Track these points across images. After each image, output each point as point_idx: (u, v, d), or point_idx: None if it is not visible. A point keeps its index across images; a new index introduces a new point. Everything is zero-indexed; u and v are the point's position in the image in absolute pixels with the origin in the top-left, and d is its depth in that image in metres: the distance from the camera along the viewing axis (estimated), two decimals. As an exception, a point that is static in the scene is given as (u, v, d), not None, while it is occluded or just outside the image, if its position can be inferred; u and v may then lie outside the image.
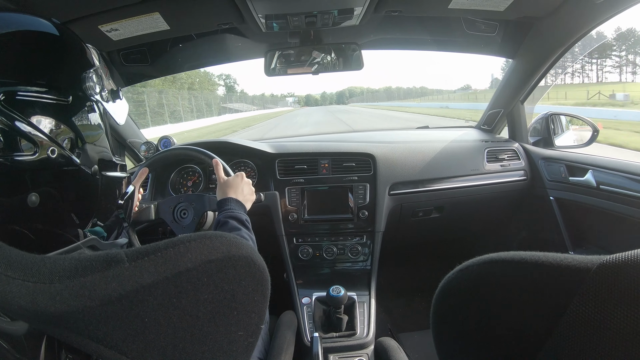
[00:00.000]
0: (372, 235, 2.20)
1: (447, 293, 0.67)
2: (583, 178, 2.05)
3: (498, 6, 1.77)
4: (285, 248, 2.19)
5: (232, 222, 1.31)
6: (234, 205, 1.41)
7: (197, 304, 0.54)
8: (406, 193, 2.25)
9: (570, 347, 0.51)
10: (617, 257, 0.50)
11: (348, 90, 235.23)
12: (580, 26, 1.86)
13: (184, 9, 1.74)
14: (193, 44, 2.22)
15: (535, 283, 0.55)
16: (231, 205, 1.41)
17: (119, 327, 0.50)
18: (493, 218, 2.68)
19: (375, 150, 2.23)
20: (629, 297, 0.47)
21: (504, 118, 2.61)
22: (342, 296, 1.75)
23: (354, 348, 1.80)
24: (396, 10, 1.85)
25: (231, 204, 1.41)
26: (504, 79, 2.45)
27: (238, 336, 0.60)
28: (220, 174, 1.53)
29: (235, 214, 1.36)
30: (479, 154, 2.39)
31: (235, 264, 0.58)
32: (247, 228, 1.34)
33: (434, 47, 2.44)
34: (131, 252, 0.52)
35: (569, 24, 1.87)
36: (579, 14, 1.79)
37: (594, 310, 0.49)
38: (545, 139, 2.45)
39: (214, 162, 1.58)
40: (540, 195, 2.37)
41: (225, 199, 1.43)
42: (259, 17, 1.77)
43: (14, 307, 0.50)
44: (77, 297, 0.48)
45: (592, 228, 2.17)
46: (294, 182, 2.20)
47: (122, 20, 1.72)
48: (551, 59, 2.12)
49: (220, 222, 1.33)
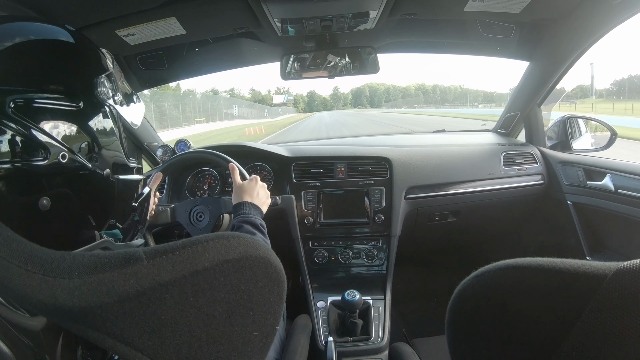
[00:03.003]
0: (388, 240, 2.19)
1: (462, 299, 0.66)
2: (601, 182, 2.02)
3: (514, 8, 1.76)
4: (301, 251, 2.19)
5: (246, 226, 1.32)
6: (250, 209, 1.42)
7: (214, 303, 0.54)
8: (422, 197, 2.23)
9: (584, 353, 0.51)
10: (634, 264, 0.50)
11: (368, 88, 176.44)
12: (597, 27, 1.84)
13: (200, 14, 1.76)
14: (209, 49, 2.24)
15: (552, 289, 0.55)
16: (246, 209, 1.41)
17: (136, 324, 0.50)
18: (510, 223, 2.65)
19: (392, 154, 2.22)
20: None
21: (521, 121, 2.58)
22: (357, 301, 1.74)
23: (368, 353, 1.80)
24: (411, 13, 1.85)
25: (246, 208, 1.42)
26: (520, 82, 2.43)
27: (253, 336, 0.60)
28: (236, 178, 1.54)
29: (250, 218, 1.36)
30: (495, 157, 2.37)
31: (252, 265, 0.58)
32: (262, 232, 1.35)
33: (450, 50, 2.43)
34: (149, 251, 0.53)
35: (585, 26, 1.85)
36: (595, 15, 1.77)
37: (608, 317, 0.49)
38: (562, 143, 2.42)
39: (230, 167, 1.59)
40: (557, 199, 2.34)
41: (240, 203, 1.44)
42: (275, 21, 1.78)
43: (34, 301, 0.50)
44: (95, 293, 0.49)
45: (610, 233, 2.13)
46: (310, 185, 2.19)
47: (139, 25, 1.74)
48: (568, 62, 2.10)
49: (235, 227, 1.34)
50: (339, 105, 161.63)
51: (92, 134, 0.79)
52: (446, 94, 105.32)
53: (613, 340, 0.49)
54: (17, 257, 0.52)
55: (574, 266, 0.53)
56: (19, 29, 0.72)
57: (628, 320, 0.48)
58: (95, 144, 0.79)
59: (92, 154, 0.78)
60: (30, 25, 0.76)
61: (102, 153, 0.81)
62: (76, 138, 0.76)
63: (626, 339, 0.48)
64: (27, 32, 0.73)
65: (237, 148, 2.26)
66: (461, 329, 0.70)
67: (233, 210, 1.45)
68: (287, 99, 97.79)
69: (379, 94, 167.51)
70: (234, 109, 53.33)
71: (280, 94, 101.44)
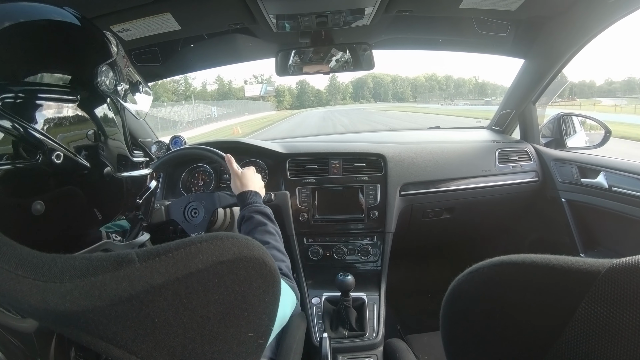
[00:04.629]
0: (382, 236, 2.19)
1: (457, 295, 0.67)
2: (595, 180, 2.03)
3: (509, 6, 1.76)
4: (296, 248, 2.19)
5: (257, 217, 1.29)
6: (257, 197, 1.40)
7: (208, 305, 0.54)
8: (417, 194, 2.24)
9: (578, 349, 0.52)
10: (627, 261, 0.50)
11: (372, 79, 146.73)
12: (592, 26, 1.85)
13: (195, 9, 1.75)
14: (204, 44, 2.23)
15: (546, 286, 0.55)
16: (254, 197, 1.39)
17: (129, 327, 0.50)
18: (504, 219, 2.66)
19: (386, 151, 2.22)
20: (638, 300, 0.48)
21: (516, 119, 2.59)
22: (350, 280, 1.76)
23: (363, 349, 1.81)
24: (407, 10, 1.85)
25: (254, 197, 1.40)
26: (515, 80, 2.43)
27: (248, 337, 0.60)
28: (235, 167, 1.51)
29: (260, 208, 1.34)
30: (490, 154, 2.38)
31: (246, 265, 0.58)
32: (273, 221, 1.32)
33: (446, 47, 2.44)
34: (142, 253, 0.53)
35: (580, 24, 1.86)
36: (591, 13, 1.77)
37: (602, 313, 0.50)
38: (557, 140, 2.43)
39: (226, 157, 1.57)
40: (551, 196, 2.35)
41: (245, 192, 1.41)
42: (270, 17, 1.78)
43: (25, 306, 0.50)
44: (87, 297, 0.49)
45: (604, 231, 2.15)
46: (304, 182, 2.19)
47: (133, 21, 1.73)
48: (563, 59, 2.10)
49: (245, 218, 1.31)
50: (337, 99, 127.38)
51: (91, 130, 0.73)
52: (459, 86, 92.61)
53: (606, 337, 0.49)
54: (6, 261, 0.51)
55: (567, 263, 0.53)
56: (5, 12, 0.65)
57: (621, 315, 0.48)
58: (95, 140, 0.73)
59: (91, 151, 0.73)
60: (17, 6, 0.68)
61: (103, 150, 0.76)
62: (73, 135, 0.70)
63: (619, 334, 0.48)
64: (15, 14, 0.65)
65: (232, 144, 2.25)
66: (456, 325, 0.70)
67: (238, 199, 1.42)
68: (265, 91, 76.16)
69: (384, 85, 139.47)
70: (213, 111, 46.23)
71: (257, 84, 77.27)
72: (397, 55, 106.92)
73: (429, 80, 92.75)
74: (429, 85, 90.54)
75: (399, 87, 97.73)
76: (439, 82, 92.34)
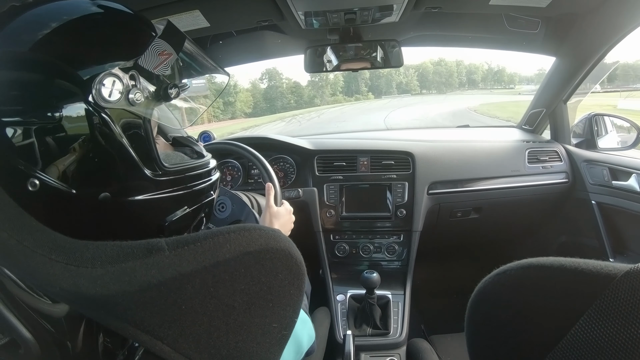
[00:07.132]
0: (409, 235, 2.18)
1: (483, 297, 0.66)
2: (627, 182, 1.98)
3: (540, 2, 1.73)
4: (322, 244, 2.20)
5: None
6: None
7: (234, 294, 0.55)
8: (445, 193, 2.22)
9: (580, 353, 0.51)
10: None
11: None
12: (624, 23, 1.80)
13: (224, 7, 1.76)
14: (232, 41, 2.25)
15: (573, 290, 0.54)
16: None
17: (156, 313, 0.52)
18: (532, 221, 2.62)
19: (415, 149, 2.21)
20: None
21: (546, 118, 2.54)
22: (376, 277, 1.77)
23: (386, 347, 1.80)
24: (436, 6, 1.83)
25: None
26: (546, 78, 2.39)
27: (272, 328, 0.60)
28: (271, 202, 1.42)
29: None
30: (519, 154, 2.34)
31: (272, 257, 0.58)
32: None
33: (475, 44, 2.40)
34: (172, 241, 0.54)
35: (613, 20, 1.81)
36: (623, 9, 1.73)
37: (611, 317, 0.49)
38: (588, 141, 2.36)
39: (267, 187, 1.45)
40: (581, 198, 2.30)
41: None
42: (299, 14, 1.78)
43: (56, 289, 0.52)
44: (117, 282, 0.50)
45: (634, 235, 2.09)
46: (332, 178, 2.19)
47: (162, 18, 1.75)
48: (595, 57, 2.05)
49: None
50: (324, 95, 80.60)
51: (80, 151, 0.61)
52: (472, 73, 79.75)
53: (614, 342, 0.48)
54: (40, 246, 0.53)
55: (596, 267, 0.52)
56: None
57: (633, 321, 0.47)
58: (84, 164, 0.61)
59: (80, 176, 0.61)
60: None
61: (96, 174, 0.64)
62: (55, 158, 0.59)
63: (629, 340, 0.47)
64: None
65: (261, 140, 2.27)
66: (481, 327, 0.70)
67: None
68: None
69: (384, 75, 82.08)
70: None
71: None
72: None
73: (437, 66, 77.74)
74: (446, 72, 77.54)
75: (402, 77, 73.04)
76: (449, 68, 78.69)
